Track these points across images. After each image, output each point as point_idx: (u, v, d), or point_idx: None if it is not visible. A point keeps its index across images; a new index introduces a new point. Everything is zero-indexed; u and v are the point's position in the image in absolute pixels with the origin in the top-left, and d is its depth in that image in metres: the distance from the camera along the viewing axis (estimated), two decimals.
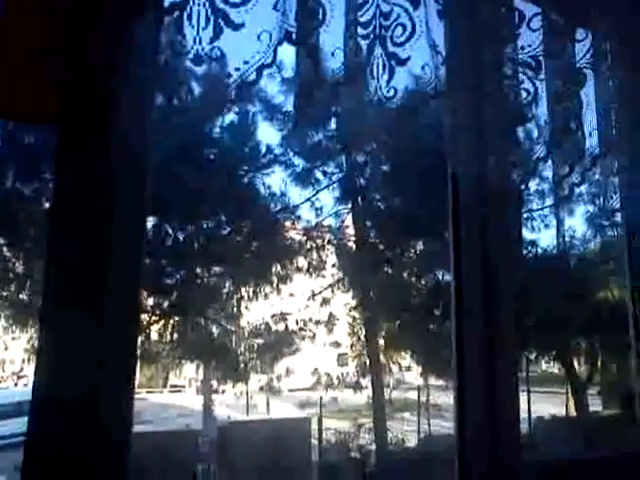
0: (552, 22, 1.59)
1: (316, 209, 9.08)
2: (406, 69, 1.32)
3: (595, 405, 9.54)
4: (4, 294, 8.11)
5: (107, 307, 1.04)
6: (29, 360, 11.29)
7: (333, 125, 7.97)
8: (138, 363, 10.16)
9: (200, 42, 1.10)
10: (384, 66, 1.31)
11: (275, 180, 8.83)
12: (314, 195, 8.97)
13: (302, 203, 8.90)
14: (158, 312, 8.77)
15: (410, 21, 1.32)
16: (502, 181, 1.62)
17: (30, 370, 12.09)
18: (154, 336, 9.14)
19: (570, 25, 1.60)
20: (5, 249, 7.89)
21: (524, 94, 1.55)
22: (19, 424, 10.46)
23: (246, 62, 1.13)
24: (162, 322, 9.05)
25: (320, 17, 1.19)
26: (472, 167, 1.54)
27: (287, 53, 1.23)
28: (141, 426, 8.61)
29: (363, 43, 1.32)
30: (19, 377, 13.84)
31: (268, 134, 9.00)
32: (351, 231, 9.38)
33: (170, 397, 14.21)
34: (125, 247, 1.08)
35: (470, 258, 1.58)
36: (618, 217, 2.01)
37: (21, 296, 8.08)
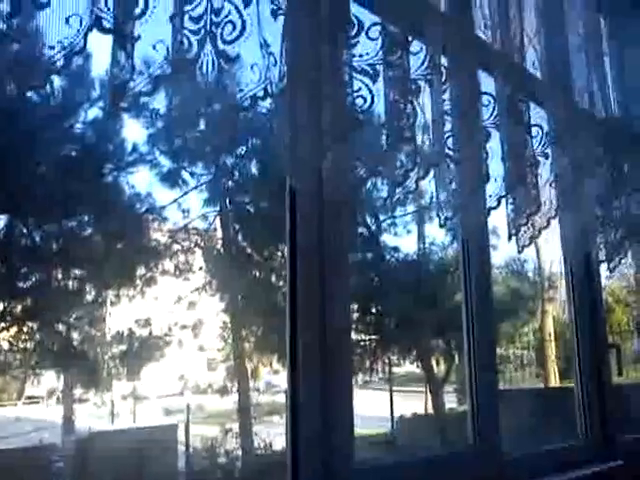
0: (390, 33, 1.63)
1: (183, 211, 8.90)
2: (237, 68, 1.29)
3: (451, 402, 10.11)
4: None
5: None
6: None
7: (202, 126, 7.84)
8: None
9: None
10: (213, 64, 1.26)
11: (141, 180, 8.54)
12: (181, 196, 8.78)
13: (169, 204, 8.67)
14: (9, 318, 8.15)
15: (240, 18, 1.28)
16: (340, 188, 1.63)
17: None
18: (4, 345, 8.48)
19: (406, 37, 1.64)
20: None
21: (361, 101, 1.57)
22: None
23: (52, 47, 1.04)
24: (15, 329, 8.42)
25: (138, 6, 1.12)
26: (308, 173, 1.54)
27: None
28: None
29: (193, 39, 1.27)
30: None
31: (134, 132, 8.67)
32: (219, 234, 9.28)
33: (26, 410, 13.28)
34: None
35: (307, 267, 1.57)
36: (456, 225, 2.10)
37: None
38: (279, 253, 8.81)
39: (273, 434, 9.91)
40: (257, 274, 8.87)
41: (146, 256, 8.53)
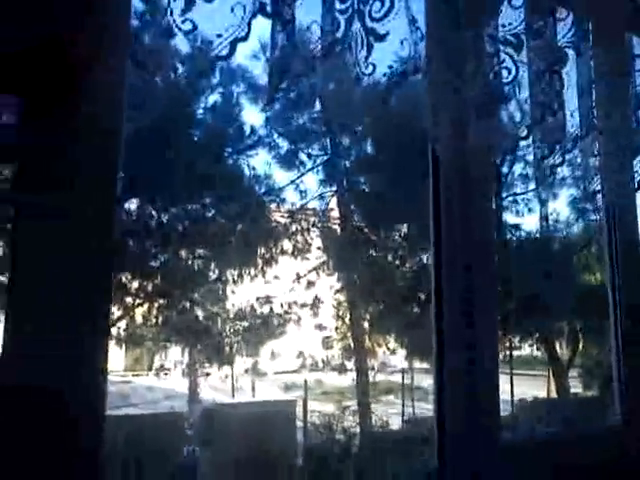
0: (534, 0, 1.57)
1: (301, 192, 9.05)
2: (385, 45, 1.30)
3: (576, 387, 9.65)
4: None
5: (75, 287, 1.01)
6: None
7: (318, 106, 7.92)
8: (123, 346, 10.14)
9: (172, 13, 1.07)
10: (362, 42, 1.28)
11: (260, 162, 8.77)
12: (299, 177, 8.94)
13: (286, 185, 8.86)
14: (142, 295, 8.71)
15: None
16: (483, 160, 1.60)
17: None
18: (139, 319, 9.10)
19: (552, 3, 1.58)
20: None
21: (505, 73, 1.53)
22: None
23: (219, 35, 1.10)
24: (147, 305, 9.00)
25: None
26: (452, 145, 1.53)
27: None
28: (127, 409, 8.60)
29: (341, 18, 1.29)
30: None
31: (253, 115, 8.91)
32: (336, 214, 9.36)
33: (156, 380, 14.20)
34: (95, 231, 1.05)
35: (450, 239, 1.57)
36: (599, 200, 2.00)
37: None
38: (396, 233, 8.77)
39: (389, 413, 9.97)
40: (374, 254, 8.88)
41: (266, 236, 8.78)
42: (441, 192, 1.57)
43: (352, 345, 9.78)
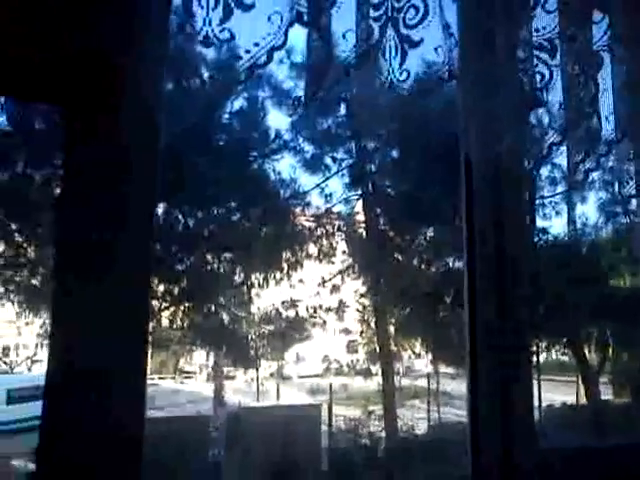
0: (568, 4, 1.56)
1: (326, 195, 9.07)
2: (419, 52, 1.30)
3: (607, 394, 9.50)
4: (17, 279, 8.16)
5: (117, 293, 1.03)
6: (42, 345, 11.40)
7: (343, 110, 7.93)
8: (149, 349, 10.23)
9: (210, 23, 1.09)
10: (396, 48, 1.28)
11: (284, 166, 8.81)
12: (324, 181, 8.95)
13: (312, 189, 8.88)
14: (169, 298, 8.79)
15: (423, 2, 1.29)
16: (515, 165, 1.59)
17: (44, 355, 12.22)
18: (165, 322, 9.17)
19: (587, 6, 1.56)
20: (17, 235, 7.92)
21: (538, 78, 1.52)
22: (33, 408, 10.63)
23: (257, 44, 1.11)
24: (173, 308, 9.07)
25: None
26: (485, 151, 1.52)
27: (296, 38, 1.21)
28: (152, 411, 8.67)
29: (375, 25, 1.29)
30: (33, 362, 14.00)
31: (277, 119, 8.96)
32: (361, 217, 9.36)
33: (181, 383, 14.33)
34: (135, 233, 1.07)
35: (483, 244, 1.56)
36: (633, 204, 1.97)
37: (33, 281, 8.13)
38: (421, 236, 8.74)
39: (415, 418, 9.92)
40: (399, 257, 8.85)
41: (291, 240, 8.81)
42: (474, 197, 1.56)
43: (377, 349, 9.76)
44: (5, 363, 14.77)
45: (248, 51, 1.12)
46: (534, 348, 8.75)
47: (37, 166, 7.37)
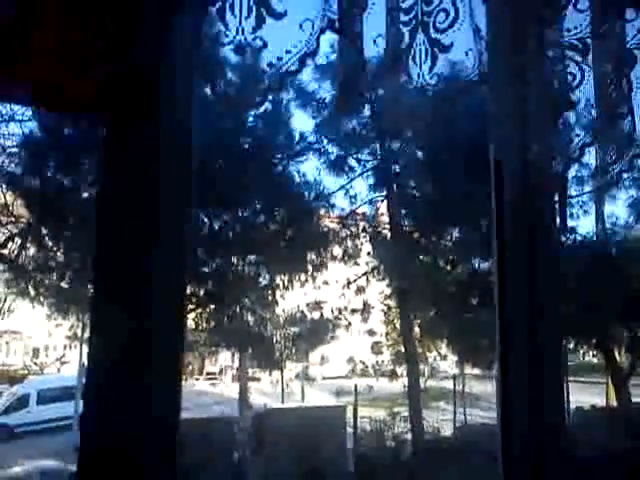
0: (600, 2, 1.54)
1: (350, 197, 9.08)
2: (449, 55, 1.29)
3: (638, 396, 9.32)
4: (47, 282, 8.30)
5: (154, 296, 1.05)
6: (71, 346, 11.59)
7: (367, 112, 7.91)
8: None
9: (242, 32, 1.10)
10: (427, 53, 1.28)
11: (309, 168, 8.82)
12: (348, 183, 8.95)
13: (336, 191, 8.89)
14: (194, 300, 8.84)
15: (453, 6, 1.29)
16: (546, 167, 1.58)
17: (72, 356, 12.41)
18: (190, 324, 9.24)
19: (619, 4, 1.54)
20: (47, 239, 8.05)
21: (570, 78, 1.51)
22: (63, 408, 10.81)
23: (288, 52, 1.12)
24: (198, 310, 9.13)
25: (362, 4, 1.17)
26: (516, 153, 1.51)
27: (321, 40, 1.21)
28: None
29: (405, 30, 1.29)
30: (62, 363, 14.25)
31: (302, 122, 8.97)
32: (386, 219, 9.33)
33: (206, 385, 14.45)
34: (171, 236, 1.09)
35: (514, 246, 1.55)
36: None
37: (62, 284, 8.25)
38: (447, 237, 8.67)
39: (441, 420, 9.86)
40: (425, 259, 8.80)
41: (316, 242, 8.81)
42: (504, 199, 1.55)
43: (403, 350, 9.72)
44: (35, 364, 15.07)
45: (280, 58, 1.13)
46: (564, 349, 8.63)
47: (66, 171, 7.50)
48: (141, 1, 1.07)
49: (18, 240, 8.17)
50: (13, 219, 7.98)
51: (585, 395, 9.45)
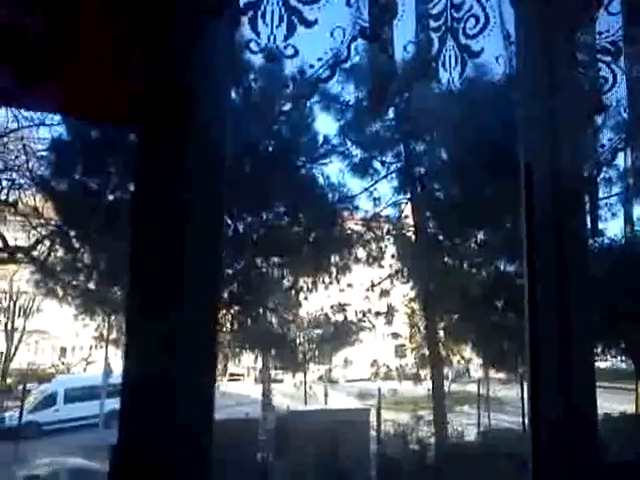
0: (633, 4, 1.52)
1: (374, 199, 9.07)
2: (479, 61, 1.29)
3: None
4: (74, 283, 8.43)
5: (188, 300, 1.07)
6: (97, 347, 11.73)
7: (391, 115, 7.89)
8: None
9: (274, 40, 1.11)
10: (456, 59, 1.28)
11: (333, 170, 8.83)
12: (372, 185, 8.94)
13: (360, 193, 8.88)
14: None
15: (483, 12, 1.28)
16: (577, 173, 1.57)
17: (98, 356, 12.58)
18: None
19: None
20: (74, 240, 8.18)
21: (602, 81, 1.49)
22: (89, 407, 10.98)
23: (320, 59, 1.13)
24: (222, 311, 9.18)
25: (392, 11, 1.18)
26: (546, 158, 1.50)
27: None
28: None
29: (434, 36, 1.30)
30: (88, 363, 14.46)
31: (326, 124, 8.99)
32: (410, 221, 9.30)
33: (229, 386, 14.51)
34: (205, 242, 1.10)
35: (544, 251, 1.54)
36: None
37: (90, 285, 8.38)
38: (472, 240, 8.61)
39: (465, 424, 9.79)
40: (449, 261, 8.75)
41: (340, 244, 8.81)
42: (534, 203, 1.54)
43: (427, 354, 9.67)
44: (63, 364, 15.30)
45: (312, 66, 1.14)
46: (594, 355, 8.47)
47: (92, 174, 7.61)
48: (174, 10, 1.09)
49: (47, 242, 8.32)
50: (43, 222, 8.14)
51: (614, 402, 9.30)
